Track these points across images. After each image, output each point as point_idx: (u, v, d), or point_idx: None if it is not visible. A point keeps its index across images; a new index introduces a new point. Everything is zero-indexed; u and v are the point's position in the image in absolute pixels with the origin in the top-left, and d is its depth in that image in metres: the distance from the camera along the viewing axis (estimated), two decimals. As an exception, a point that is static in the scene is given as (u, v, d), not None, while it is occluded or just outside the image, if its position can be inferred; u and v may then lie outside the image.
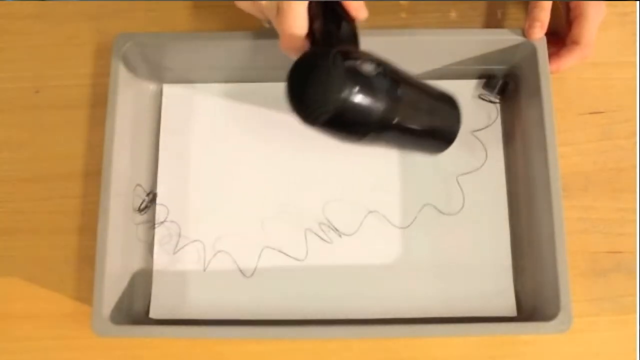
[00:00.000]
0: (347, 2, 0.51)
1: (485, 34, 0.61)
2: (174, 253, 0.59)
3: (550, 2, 0.57)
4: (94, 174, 0.61)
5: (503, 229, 0.59)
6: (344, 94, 0.45)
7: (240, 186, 0.61)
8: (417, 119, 0.52)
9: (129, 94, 0.59)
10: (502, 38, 0.58)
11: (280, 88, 0.47)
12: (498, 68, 0.61)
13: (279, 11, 0.49)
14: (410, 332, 0.54)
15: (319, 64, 0.46)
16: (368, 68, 0.47)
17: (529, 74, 0.58)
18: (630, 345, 0.58)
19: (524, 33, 0.57)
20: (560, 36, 0.61)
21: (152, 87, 0.63)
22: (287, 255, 0.59)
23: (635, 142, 0.62)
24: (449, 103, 0.54)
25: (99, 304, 0.52)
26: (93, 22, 0.65)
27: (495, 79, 0.61)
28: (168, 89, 0.63)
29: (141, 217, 0.59)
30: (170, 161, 0.61)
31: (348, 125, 0.48)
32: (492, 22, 0.65)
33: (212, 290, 0.58)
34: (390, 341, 0.58)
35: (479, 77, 0.62)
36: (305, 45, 0.50)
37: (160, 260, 0.59)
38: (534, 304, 0.56)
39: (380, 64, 0.48)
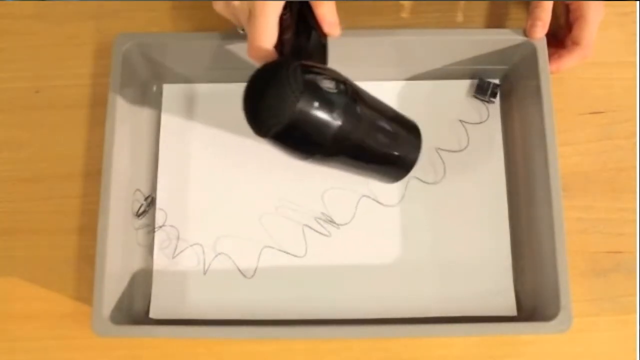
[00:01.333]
0: (321, 18, 0.50)
1: (485, 34, 0.61)
2: (173, 257, 0.59)
3: (552, 2, 0.57)
4: (94, 174, 0.61)
5: (503, 229, 0.59)
6: (298, 106, 0.44)
7: (240, 186, 0.61)
8: (374, 143, 0.50)
9: (129, 94, 0.59)
10: (502, 38, 0.58)
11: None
12: (498, 68, 0.61)
13: (250, 16, 0.49)
14: (410, 332, 0.54)
15: (277, 75, 0.45)
16: (328, 84, 0.46)
17: (529, 74, 0.58)
18: (630, 345, 0.58)
19: (526, 33, 0.57)
20: (559, 37, 0.61)
21: (152, 87, 0.63)
22: (287, 252, 0.59)
23: (635, 142, 0.62)
24: (411, 131, 0.53)
25: (99, 304, 0.52)
26: (93, 22, 0.65)
27: (485, 84, 0.61)
28: (168, 89, 0.63)
29: (140, 222, 0.59)
30: (170, 161, 0.61)
31: (300, 139, 0.47)
32: (493, 22, 0.65)
33: (212, 291, 0.58)
34: (390, 341, 0.58)
35: (478, 77, 0.62)
36: (272, 55, 0.49)
37: (160, 260, 0.59)
38: (534, 304, 0.56)
39: (343, 82, 0.47)
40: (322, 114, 0.45)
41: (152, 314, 0.58)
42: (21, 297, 0.59)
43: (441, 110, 0.62)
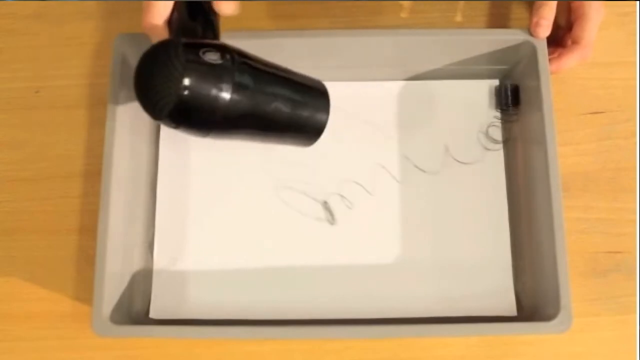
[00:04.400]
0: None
1: (485, 34, 0.61)
2: (174, 257, 0.59)
3: (556, 2, 0.58)
4: (94, 174, 0.61)
5: (503, 229, 0.59)
6: (184, 83, 0.44)
7: (241, 183, 0.61)
8: (274, 111, 0.49)
9: (129, 94, 0.59)
10: (502, 38, 0.58)
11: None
12: (498, 68, 0.61)
13: None
14: (410, 332, 0.54)
15: (161, 55, 0.46)
16: (212, 57, 0.46)
17: (529, 74, 0.58)
18: (630, 345, 0.58)
19: (530, 32, 0.57)
20: (559, 37, 0.61)
21: (152, 87, 0.63)
22: (287, 251, 0.59)
23: (635, 142, 0.62)
24: (317, 93, 0.52)
25: (99, 304, 0.52)
26: (93, 22, 0.65)
27: (502, 89, 0.61)
28: (168, 89, 0.63)
29: (141, 218, 0.59)
30: (170, 160, 0.61)
31: (194, 116, 0.47)
32: (493, 22, 0.65)
33: (212, 290, 0.58)
34: (390, 341, 0.58)
35: (478, 77, 0.63)
36: (162, 31, 0.50)
37: (160, 260, 0.59)
38: (534, 304, 0.56)
39: (229, 52, 0.47)
40: (209, 89, 0.45)
41: (152, 314, 0.58)
42: (21, 297, 0.59)
43: (441, 110, 0.62)
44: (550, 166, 0.54)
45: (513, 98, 0.60)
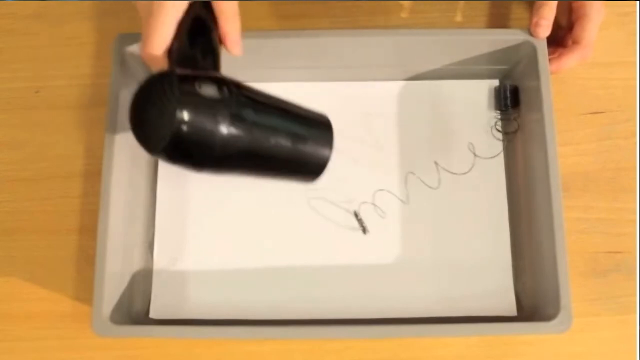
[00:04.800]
0: (225, 35, 0.49)
1: (485, 34, 0.61)
2: (174, 257, 0.59)
3: (556, 2, 0.58)
4: (94, 174, 0.61)
5: (503, 229, 0.59)
6: (178, 118, 0.42)
7: (239, 185, 0.60)
8: (274, 147, 0.47)
9: (129, 94, 0.58)
10: (502, 38, 0.58)
11: (280, 88, 0.47)
12: (498, 68, 0.61)
13: (148, 15, 0.47)
14: (410, 332, 0.54)
15: (156, 88, 0.44)
16: (208, 90, 0.44)
17: (529, 74, 0.58)
18: (630, 345, 0.58)
19: (530, 32, 0.57)
20: (560, 37, 0.61)
21: (152, 87, 0.63)
22: (287, 251, 0.59)
23: (635, 142, 0.62)
24: (320, 127, 0.49)
25: (99, 304, 0.52)
26: (93, 22, 0.65)
27: (502, 90, 0.61)
28: (168, 89, 0.63)
29: (141, 218, 0.59)
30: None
31: (190, 152, 0.45)
32: (492, 22, 0.65)
33: (212, 290, 0.58)
34: (390, 341, 0.58)
35: (478, 77, 0.63)
36: (161, 61, 0.47)
37: (160, 260, 0.59)
38: (534, 304, 0.56)
39: (227, 87, 0.45)
40: (205, 123, 0.43)
41: (152, 314, 0.58)
42: (21, 297, 0.59)
43: (441, 110, 0.62)
44: (550, 166, 0.54)
45: (512, 99, 0.60)
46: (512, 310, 0.57)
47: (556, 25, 0.59)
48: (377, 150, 0.61)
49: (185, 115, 0.43)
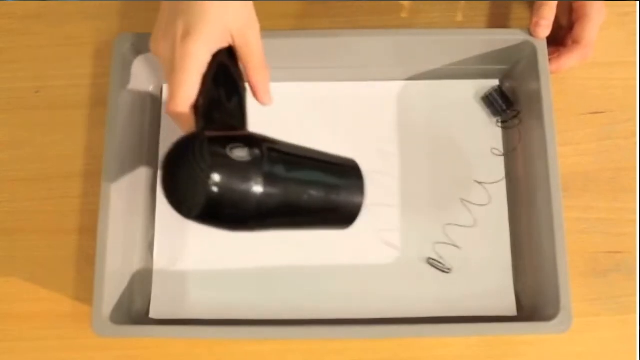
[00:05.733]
0: (255, 86, 0.47)
1: (485, 34, 0.61)
2: (174, 257, 0.59)
3: (556, 2, 0.58)
4: (94, 174, 0.61)
5: (503, 229, 0.59)
6: (211, 185, 0.42)
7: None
8: (308, 200, 0.46)
9: (129, 93, 0.59)
10: (502, 38, 0.58)
11: (280, 88, 0.47)
12: (498, 68, 0.61)
13: (172, 69, 0.45)
14: (410, 332, 0.54)
15: (186, 153, 0.43)
16: (240, 154, 0.43)
17: (529, 74, 0.58)
18: (630, 345, 0.58)
19: (530, 32, 0.57)
20: (560, 37, 0.61)
21: (152, 87, 0.63)
22: (287, 251, 0.59)
23: (635, 142, 0.62)
24: (350, 174, 0.48)
25: (99, 304, 0.52)
26: (93, 22, 0.65)
27: (490, 99, 0.61)
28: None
29: (141, 218, 0.59)
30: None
31: (225, 215, 0.44)
32: (493, 22, 0.65)
33: (212, 290, 0.58)
34: (390, 341, 0.58)
35: (478, 77, 0.62)
36: (187, 117, 0.46)
37: (160, 260, 0.59)
38: (534, 304, 0.56)
39: (258, 146, 0.44)
40: (238, 187, 0.43)
41: (152, 314, 0.58)
42: (21, 297, 0.59)
43: (441, 110, 0.62)
44: (550, 166, 0.54)
45: (504, 101, 0.60)
46: (512, 310, 0.57)
47: (556, 25, 0.59)
48: (377, 150, 0.61)
49: (219, 182, 0.42)
